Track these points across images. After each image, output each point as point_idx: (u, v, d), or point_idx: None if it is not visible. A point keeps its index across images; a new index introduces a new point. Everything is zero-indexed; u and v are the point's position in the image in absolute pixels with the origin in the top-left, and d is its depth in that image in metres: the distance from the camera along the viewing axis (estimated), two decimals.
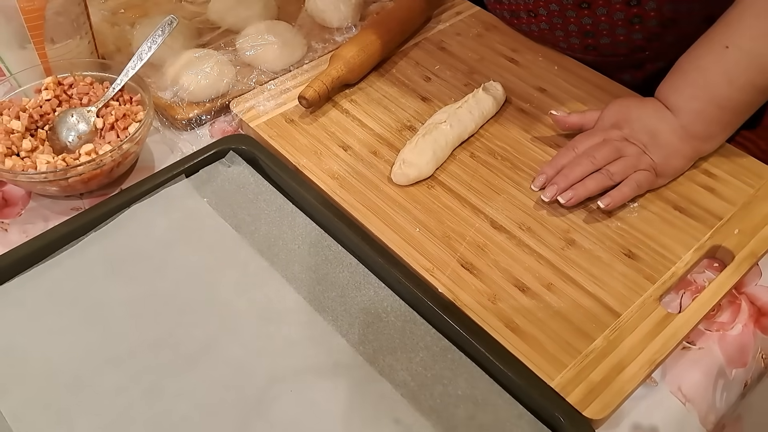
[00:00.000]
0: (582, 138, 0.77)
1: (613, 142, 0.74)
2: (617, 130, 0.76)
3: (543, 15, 0.90)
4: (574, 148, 0.75)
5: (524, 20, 0.93)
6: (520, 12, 0.93)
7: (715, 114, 0.74)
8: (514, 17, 0.95)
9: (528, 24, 0.93)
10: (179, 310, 0.66)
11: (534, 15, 0.91)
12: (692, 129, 0.74)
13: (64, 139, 0.76)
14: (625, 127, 0.76)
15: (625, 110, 0.76)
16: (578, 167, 0.73)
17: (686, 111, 0.74)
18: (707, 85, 0.73)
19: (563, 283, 0.67)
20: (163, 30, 0.81)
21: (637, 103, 0.77)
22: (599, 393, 0.59)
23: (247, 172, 0.77)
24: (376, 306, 0.66)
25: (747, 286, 0.70)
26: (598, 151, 0.74)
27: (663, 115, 0.74)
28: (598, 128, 0.77)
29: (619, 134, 0.75)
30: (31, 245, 0.68)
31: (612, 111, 0.77)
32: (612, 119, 0.77)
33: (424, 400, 0.59)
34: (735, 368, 0.65)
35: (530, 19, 0.92)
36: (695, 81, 0.74)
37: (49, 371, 0.61)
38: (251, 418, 0.58)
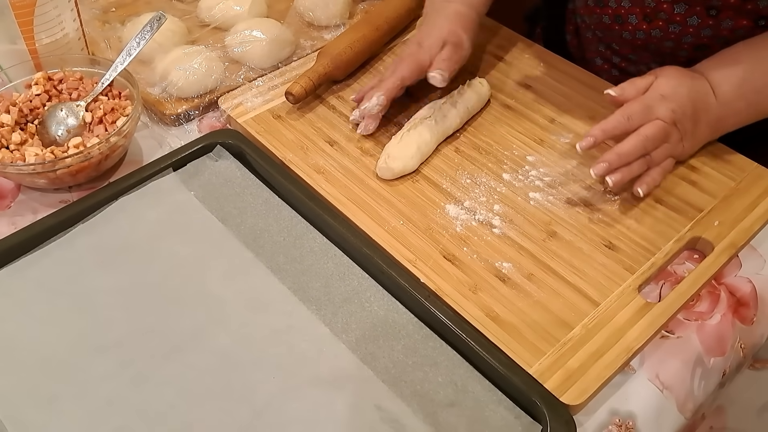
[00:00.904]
0: (636, 108, 0.73)
1: (662, 125, 0.73)
2: (667, 104, 0.73)
3: (661, 20, 0.85)
4: (628, 118, 0.72)
5: (632, 25, 0.89)
6: (629, 17, 0.88)
7: (751, 119, 0.76)
8: (616, 22, 0.90)
9: (634, 30, 0.88)
10: (166, 300, 0.66)
11: (650, 20, 0.87)
12: (724, 125, 0.76)
13: (53, 133, 0.77)
14: (674, 103, 0.73)
15: (678, 84, 0.74)
16: (632, 150, 0.72)
17: (729, 107, 0.75)
18: (758, 91, 0.75)
19: (543, 274, 0.68)
20: (152, 26, 0.83)
21: (690, 80, 0.75)
22: (577, 379, 0.60)
23: (234, 166, 0.78)
24: (359, 296, 0.66)
25: (726, 277, 0.71)
26: (651, 134, 0.72)
27: (708, 103, 0.75)
28: (651, 97, 0.73)
29: (668, 111, 0.73)
30: (20, 236, 0.69)
31: (666, 80, 0.74)
32: (664, 89, 0.74)
33: (405, 386, 0.60)
34: (713, 357, 0.66)
35: (641, 24, 0.87)
36: (754, 84, 0.75)
37: (37, 359, 0.62)
38: (236, 405, 0.59)
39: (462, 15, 0.85)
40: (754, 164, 0.78)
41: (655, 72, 0.76)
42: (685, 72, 0.76)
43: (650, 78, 0.75)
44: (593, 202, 0.75)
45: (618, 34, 0.89)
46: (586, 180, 0.77)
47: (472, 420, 0.58)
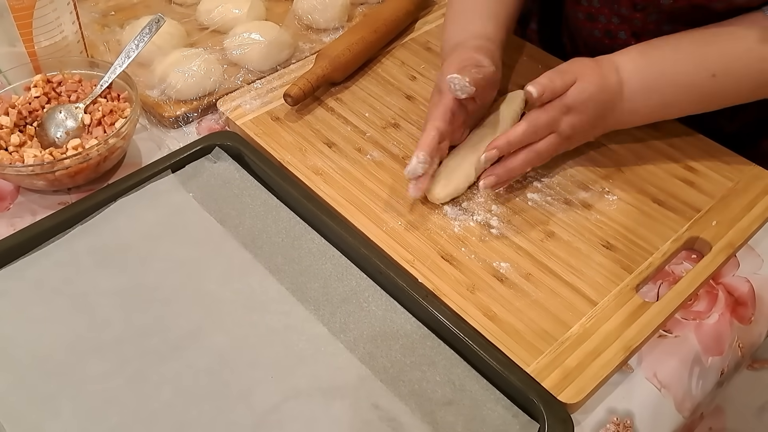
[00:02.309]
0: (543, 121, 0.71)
1: (557, 141, 0.73)
2: (570, 118, 0.72)
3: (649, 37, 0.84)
4: (534, 131, 0.72)
5: (621, 41, 0.89)
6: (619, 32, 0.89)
7: (654, 119, 0.78)
8: (607, 37, 0.90)
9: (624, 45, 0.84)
10: (164, 300, 0.66)
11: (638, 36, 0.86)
12: (619, 128, 0.78)
13: (52, 135, 0.78)
14: (578, 118, 0.72)
15: (589, 97, 0.72)
16: (522, 166, 0.72)
17: (631, 116, 0.76)
18: (672, 103, 0.75)
19: (541, 274, 0.68)
20: (151, 29, 0.83)
21: (603, 90, 0.73)
22: (574, 378, 0.60)
23: (233, 168, 0.78)
24: (357, 296, 0.67)
25: (724, 277, 0.71)
26: (543, 151, 0.73)
27: (612, 110, 0.74)
28: (559, 108, 0.71)
29: (568, 128, 0.72)
30: (18, 237, 0.69)
31: (580, 91, 0.71)
32: (575, 100, 0.71)
33: (403, 385, 0.60)
34: (711, 356, 0.66)
35: (630, 40, 0.87)
36: (664, 90, 0.74)
37: (35, 358, 0.62)
38: (233, 405, 0.59)
39: (477, 46, 0.81)
40: (752, 164, 0.78)
41: (574, 72, 0.72)
42: (601, 79, 0.73)
43: (569, 79, 0.72)
44: (591, 203, 0.75)
45: (609, 48, 0.90)
46: (584, 180, 0.77)
47: (470, 418, 0.58)
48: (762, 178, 0.77)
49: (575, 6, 0.92)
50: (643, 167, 0.79)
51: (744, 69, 0.72)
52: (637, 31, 0.87)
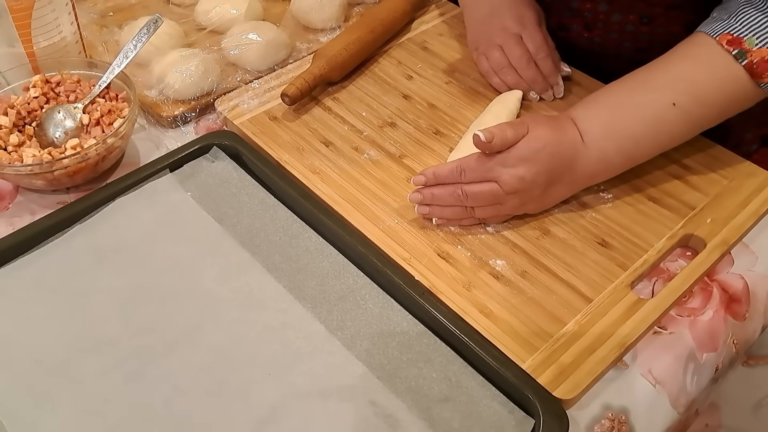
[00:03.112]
0: (474, 167, 0.70)
1: (494, 190, 0.69)
2: (518, 170, 0.68)
3: (600, 28, 0.88)
4: (461, 173, 0.70)
5: (575, 33, 0.92)
6: (572, 25, 0.92)
7: (624, 168, 0.74)
8: (561, 30, 0.93)
9: (578, 37, 0.92)
10: (162, 298, 0.67)
11: (590, 28, 0.90)
12: (595, 180, 0.74)
13: (51, 135, 0.78)
14: (528, 169, 0.69)
15: (541, 148, 0.69)
16: (445, 197, 0.71)
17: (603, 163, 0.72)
18: (637, 143, 0.72)
19: (537, 271, 0.69)
20: (149, 29, 0.83)
21: (558, 142, 0.70)
22: (569, 374, 0.60)
23: (231, 167, 0.79)
24: (354, 294, 0.67)
25: (719, 274, 0.72)
26: (472, 193, 0.70)
27: (573, 165, 0.71)
28: (501, 161, 0.69)
29: (513, 179, 0.69)
30: (17, 236, 0.70)
31: (531, 142, 0.69)
32: (523, 153, 0.68)
33: (400, 382, 0.61)
34: (706, 352, 0.66)
35: (583, 32, 0.91)
36: (628, 128, 0.71)
37: (33, 357, 0.62)
38: (231, 402, 0.59)
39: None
40: (746, 162, 0.79)
41: (527, 124, 0.70)
42: (556, 130, 0.70)
43: (522, 131, 0.69)
44: (587, 201, 0.75)
45: (564, 41, 0.92)
46: None
47: (466, 415, 0.58)
48: (756, 176, 0.77)
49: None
50: (638, 165, 0.79)
51: (704, 94, 0.71)
52: (589, 22, 0.88)
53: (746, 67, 0.68)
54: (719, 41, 0.69)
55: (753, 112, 0.93)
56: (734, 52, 0.68)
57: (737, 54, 0.68)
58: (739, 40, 0.68)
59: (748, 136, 0.98)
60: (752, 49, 0.68)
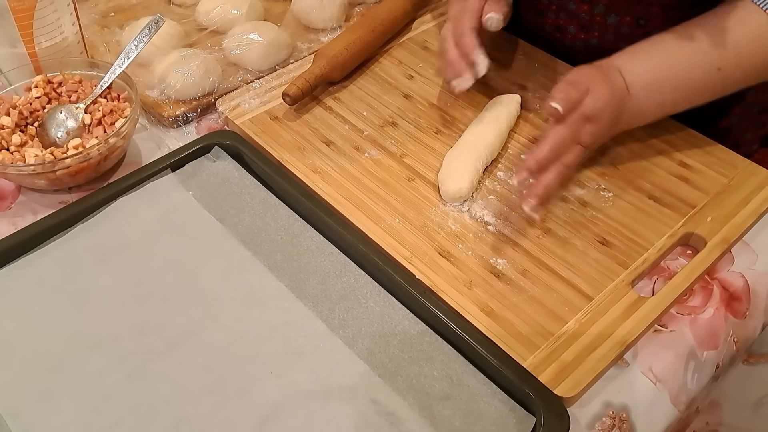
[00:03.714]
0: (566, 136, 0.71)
1: (581, 152, 0.73)
2: (589, 127, 0.72)
3: (597, 30, 0.89)
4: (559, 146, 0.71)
5: (571, 35, 0.93)
6: (568, 27, 0.92)
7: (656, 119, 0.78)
8: (557, 31, 0.94)
9: (574, 39, 0.93)
10: (164, 297, 0.67)
11: (587, 30, 0.90)
12: (629, 127, 0.78)
13: (53, 135, 0.78)
14: (596, 126, 0.73)
15: (604, 106, 0.72)
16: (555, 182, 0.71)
17: (640, 116, 0.77)
18: (676, 104, 0.76)
19: (538, 270, 0.69)
20: (150, 29, 0.84)
21: (614, 95, 0.73)
22: (570, 372, 0.60)
23: (232, 167, 0.79)
24: (355, 292, 0.67)
25: (719, 272, 0.72)
26: (571, 163, 0.72)
27: (623, 114, 0.75)
28: (577, 120, 0.72)
29: (589, 137, 0.73)
30: (20, 236, 0.70)
31: (595, 101, 0.72)
32: (591, 110, 0.72)
33: (401, 380, 0.61)
34: (706, 350, 0.66)
35: (579, 34, 0.91)
36: (670, 87, 0.75)
37: (35, 355, 0.62)
38: (232, 400, 0.60)
39: None
40: (746, 161, 0.79)
41: (585, 82, 0.72)
42: (611, 86, 0.74)
43: (583, 89, 0.72)
44: (587, 200, 0.76)
45: (560, 43, 0.92)
46: (580, 177, 0.78)
47: (467, 413, 0.59)
48: (756, 175, 0.77)
49: (526, 3, 0.94)
50: (638, 164, 0.79)
51: (747, 60, 0.74)
52: (585, 24, 0.89)
53: None
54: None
55: (751, 112, 0.94)
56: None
57: None
58: None
59: (747, 137, 0.98)
60: None
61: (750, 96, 0.93)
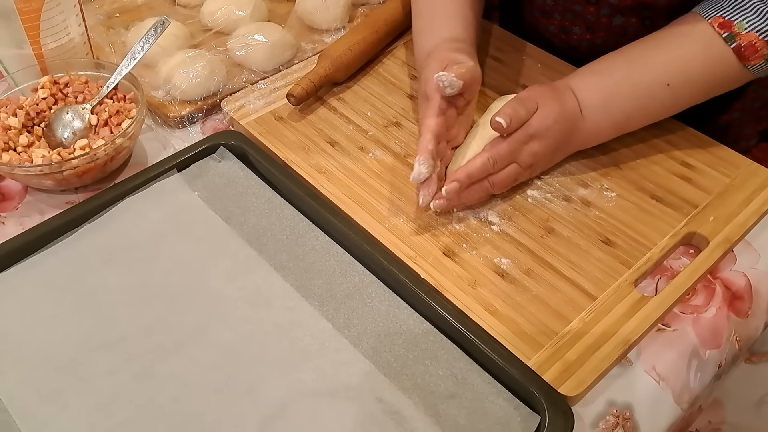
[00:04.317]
0: (504, 153, 0.72)
1: (516, 170, 0.73)
2: (532, 146, 0.73)
3: (603, 31, 0.90)
4: (494, 163, 0.71)
5: (576, 36, 0.93)
6: (574, 28, 0.92)
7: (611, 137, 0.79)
8: (562, 32, 0.94)
9: (579, 40, 0.93)
10: (170, 297, 0.68)
11: (593, 31, 0.91)
12: (583, 147, 0.79)
13: (59, 135, 0.79)
14: (540, 144, 0.73)
15: (552, 123, 0.72)
16: (476, 197, 0.73)
17: (594, 134, 0.77)
18: (629, 117, 0.77)
19: (542, 269, 0.69)
20: (156, 30, 0.84)
21: (564, 114, 0.73)
22: (574, 371, 0.61)
23: (237, 167, 0.80)
24: (360, 292, 0.68)
25: (722, 272, 0.72)
26: (499, 182, 0.73)
27: (575, 133, 0.75)
28: (520, 138, 0.72)
29: (529, 156, 0.73)
30: (27, 236, 0.70)
31: (542, 118, 0.72)
32: (537, 128, 0.72)
33: (407, 379, 0.61)
34: (709, 349, 0.67)
35: (585, 35, 0.92)
36: (622, 105, 0.75)
37: (43, 355, 0.63)
38: (239, 399, 0.60)
39: (451, 48, 0.80)
40: (748, 161, 0.79)
41: (535, 99, 0.73)
42: (561, 104, 0.74)
43: (532, 107, 0.72)
44: (590, 200, 0.76)
45: (565, 43, 0.92)
46: (583, 178, 0.78)
47: (472, 411, 0.59)
48: (758, 174, 0.78)
49: (530, 4, 0.94)
50: (641, 164, 0.80)
51: (695, 74, 0.74)
52: (591, 25, 0.89)
53: (735, 50, 0.71)
54: (711, 23, 0.72)
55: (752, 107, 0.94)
56: (724, 35, 0.71)
57: (727, 37, 0.71)
58: (730, 24, 0.71)
59: (746, 131, 0.99)
60: (741, 33, 0.71)
61: (750, 91, 0.94)
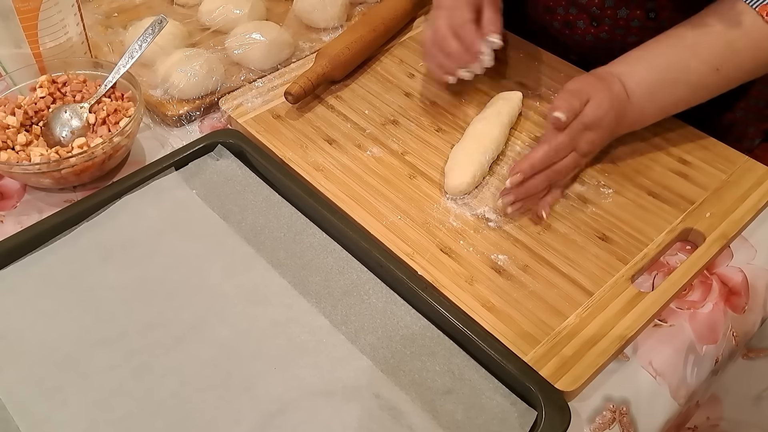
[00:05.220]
0: (565, 142, 0.72)
1: (576, 159, 0.74)
2: (588, 135, 0.73)
3: (607, 24, 0.90)
4: (556, 152, 0.72)
5: (580, 30, 0.93)
6: (578, 22, 0.92)
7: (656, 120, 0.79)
8: (566, 27, 0.95)
9: (584, 34, 0.93)
10: (168, 294, 0.68)
11: (597, 24, 0.91)
12: (630, 130, 0.79)
13: (57, 134, 0.79)
14: (595, 134, 0.74)
15: (604, 114, 0.73)
16: (540, 185, 0.73)
17: (642, 119, 0.77)
18: (676, 104, 0.77)
19: (538, 265, 0.70)
20: (153, 29, 0.84)
21: (614, 104, 0.74)
22: (571, 366, 0.61)
23: (235, 165, 0.80)
24: (358, 289, 0.68)
25: (718, 267, 0.72)
26: (563, 169, 0.74)
27: (623, 121, 0.76)
28: (577, 128, 0.73)
29: (587, 145, 0.74)
30: (26, 234, 0.71)
31: (595, 109, 0.73)
32: (591, 118, 0.73)
33: (404, 375, 0.62)
34: (705, 345, 0.67)
35: (589, 29, 0.92)
36: (670, 91, 0.76)
37: (42, 351, 0.63)
38: (237, 395, 0.60)
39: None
40: (745, 157, 0.80)
41: (587, 91, 0.74)
42: (611, 94, 0.74)
43: (584, 98, 0.73)
44: (587, 196, 0.76)
45: (569, 38, 0.93)
46: (580, 174, 0.78)
47: (469, 406, 0.59)
48: (754, 171, 0.78)
49: (535, 1, 0.94)
50: (638, 161, 0.80)
51: (743, 58, 0.74)
52: (596, 18, 0.89)
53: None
54: (759, 12, 0.72)
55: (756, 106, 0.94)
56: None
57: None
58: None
59: (750, 131, 0.99)
60: None
61: (754, 90, 0.94)
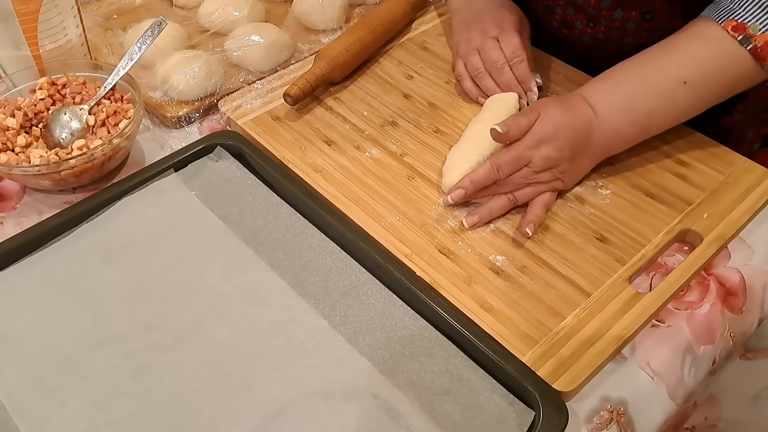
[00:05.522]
0: (507, 159, 0.73)
1: (532, 173, 0.74)
2: (543, 150, 0.73)
3: (603, 25, 0.90)
4: (498, 169, 0.73)
5: (578, 30, 0.93)
6: (575, 22, 0.93)
7: (637, 140, 0.78)
8: (564, 27, 0.95)
9: (581, 34, 0.93)
10: (168, 294, 0.68)
11: (594, 24, 0.91)
12: (610, 151, 0.78)
13: (57, 136, 0.79)
14: (551, 147, 0.73)
15: (558, 126, 0.73)
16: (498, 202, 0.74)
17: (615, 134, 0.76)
18: (649, 115, 0.76)
19: (536, 266, 0.70)
20: (153, 31, 0.85)
21: (572, 117, 0.74)
22: (568, 367, 0.61)
23: (234, 167, 0.80)
24: (356, 289, 0.68)
25: (716, 268, 0.73)
26: (517, 186, 0.74)
27: (591, 137, 0.75)
28: (525, 146, 0.73)
29: (541, 160, 0.73)
30: (25, 235, 0.71)
31: (545, 123, 0.73)
32: (542, 133, 0.73)
33: (402, 376, 0.62)
34: (703, 345, 0.67)
35: (586, 29, 0.92)
36: (639, 102, 0.75)
37: (42, 352, 0.63)
38: (236, 396, 0.60)
39: None
40: (743, 158, 0.80)
41: (537, 108, 0.74)
42: (567, 107, 0.74)
43: (533, 115, 0.74)
44: (585, 197, 0.77)
45: (567, 38, 0.93)
46: None
47: (467, 407, 0.59)
48: (752, 172, 0.78)
49: (535, 1, 0.95)
50: (635, 161, 0.80)
51: (713, 72, 0.75)
52: (592, 18, 0.90)
53: (751, 51, 0.72)
54: (724, 27, 0.72)
55: (754, 110, 0.94)
56: (739, 38, 0.72)
57: (742, 39, 0.72)
58: (743, 26, 0.71)
59: (749, 135, 0.99)
60: (756, 35, 0.71)
61: (753, 94, 0.94)
